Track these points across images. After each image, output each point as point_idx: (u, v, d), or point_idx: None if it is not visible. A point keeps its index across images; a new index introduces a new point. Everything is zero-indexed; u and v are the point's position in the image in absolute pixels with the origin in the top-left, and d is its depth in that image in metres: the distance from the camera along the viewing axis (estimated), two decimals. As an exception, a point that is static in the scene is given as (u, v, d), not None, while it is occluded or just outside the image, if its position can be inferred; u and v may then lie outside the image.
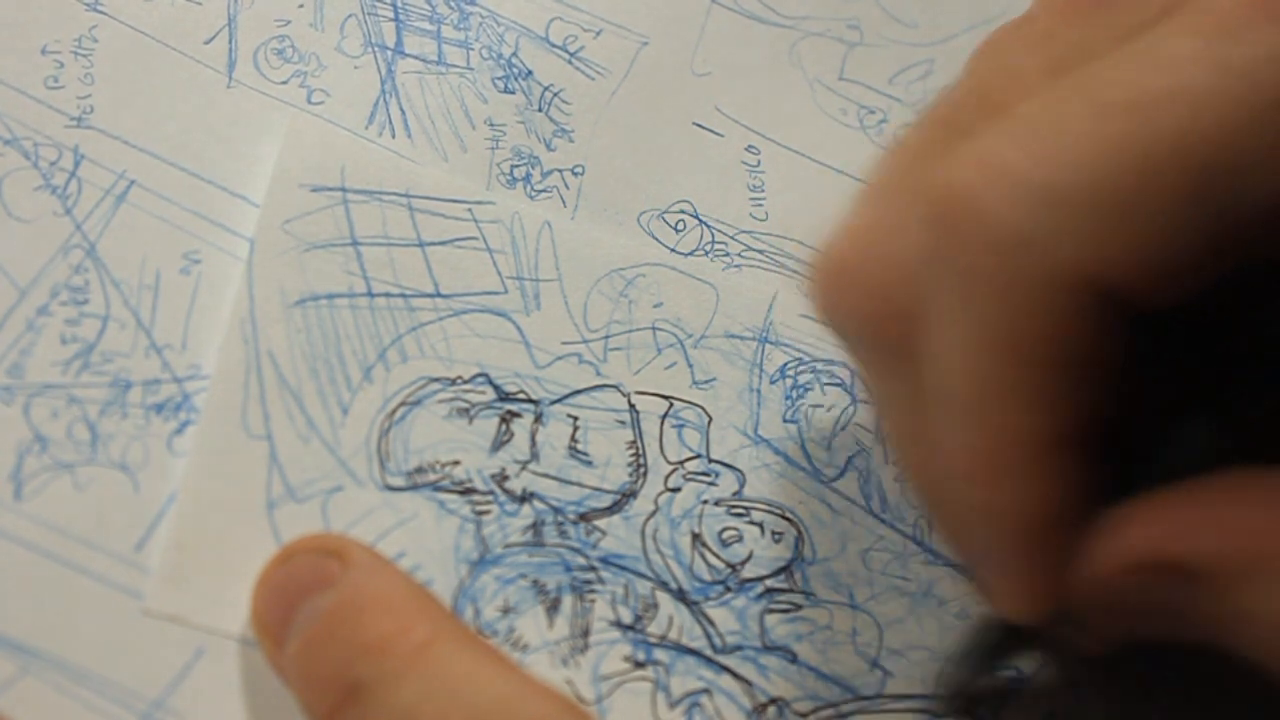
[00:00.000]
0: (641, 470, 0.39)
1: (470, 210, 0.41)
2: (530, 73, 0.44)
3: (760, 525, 0.39)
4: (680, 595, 0.38)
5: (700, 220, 0.43)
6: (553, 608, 0.37)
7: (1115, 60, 0.28)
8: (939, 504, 0.34)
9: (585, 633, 0.37)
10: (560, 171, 0.43)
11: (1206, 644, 0.32)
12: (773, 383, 0.41)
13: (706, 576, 0.38)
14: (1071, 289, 0.28)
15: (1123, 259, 0.28)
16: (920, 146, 0.33)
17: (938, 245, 0.30)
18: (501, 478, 0.38)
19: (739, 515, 0.39)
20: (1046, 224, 0.28)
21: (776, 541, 0.39)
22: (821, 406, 0.41)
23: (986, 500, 0.31)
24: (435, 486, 0.37)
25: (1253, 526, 0.30)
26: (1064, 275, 0.28)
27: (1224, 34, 0.27)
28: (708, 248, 0.43)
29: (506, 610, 0.37)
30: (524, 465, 0.38)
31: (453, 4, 0.44)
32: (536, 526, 0.38)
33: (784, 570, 0.39)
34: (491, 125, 0.43)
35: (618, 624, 0.37)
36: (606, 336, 0.40)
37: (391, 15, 0.43)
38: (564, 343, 0.40)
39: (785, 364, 0.41)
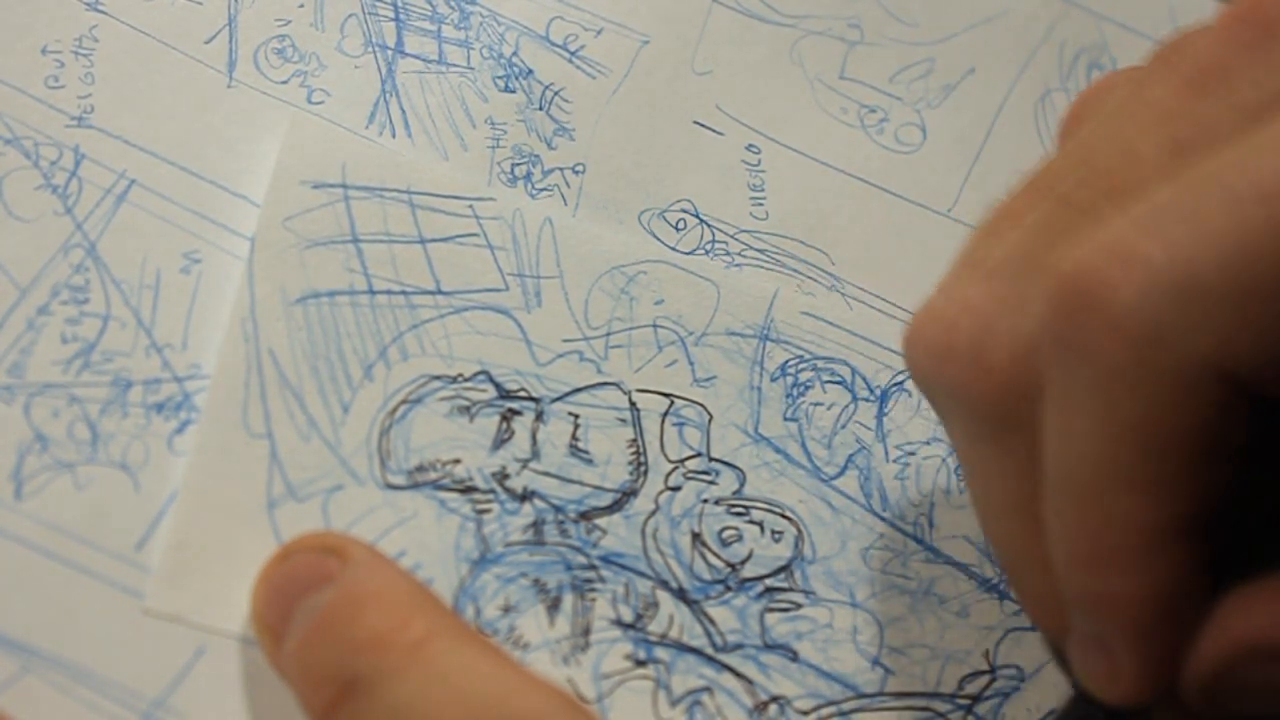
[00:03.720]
0: (642, 469, 0.39)
1: (472, 207, 0.41)
2: (531, 72, 0.44)
3: (760, 524, 0.39)
4: (680, 594, 0.38)
5: (701, 219, 0.43)
6: (553, 606, 0.37)
7: (1245, 147, 0.28)
8: (1030, 575, 0.34)
9: (586, 631, 0.37)
10: (561, 170, 0.43)
11: None
12: (773, 380, 0.41)
13: (706, 576, 0.38)
14: (1204, 383, 0.28)
15: (1256, 351, 0.28)
16: (1040, 224, 0.33)
17: (1065, 330, 0.29)
18: (502, 476, 0.38)
19: (739, 514, 0.39)
20: (1181, 317, 0.28)
21: (776, 541, 0.39)
22: (822, 404, 0.41)
23: (1102, 586, 0.30)
24: (436, 485, 0.37)
25: None
26: (1197, 369, 0.28)
27: None
28: (708, 247, 0.43)
29: (507, 609, 0.37)
30: (525, 464, 0.38)
31: (453, 3, 0.44)
32: (537, 525, 0.38)
33: (784, 569, 0.39)
34: (492, 124, 0.43)
35: (618, 622, 0.37)
36: (607, 334, 0.40)
37: (392, 15, 0.43)
38: (565, 340, 0.40)
39: (786, 362, 0.41)
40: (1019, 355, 0.32)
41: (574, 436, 0.39)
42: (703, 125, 0.45)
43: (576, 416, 0.39)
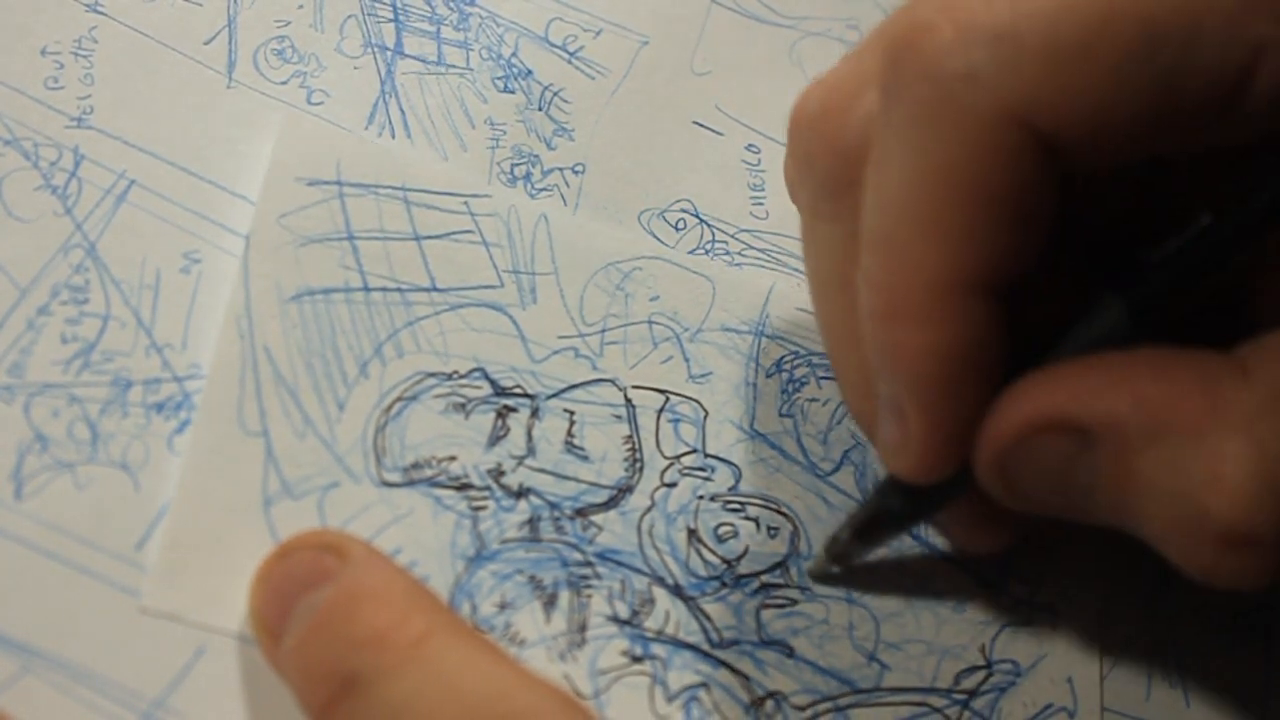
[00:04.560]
0: (638, 465, 0.39)
1: (466, 204, 0.41)
2: (530, 72, 0.44)
3: (756, 520, 0.39)
4: (676, 590, 0.38)
5: (700, 219, 0.43)
6: (549, 603, 0.37)
7: None
8: (846, 353, 0.35)
9: (582, 628, 0.37)
10: (561, 170, 0.43)
11: (1106, 524, 0.32)
12: (769, 376, 0.41)
13: (702, 572, 0.38)
14: (1008, 127, 0.29)
15: (1061, 105, 0.29)
16: (899, 10, 0.34)
17: (888, 78, 0.31)
18: (498, 473, 0.38)
19: (735, 510, 0.39)
20: (993, 61, 0.29)
21: (772, 537, 0.39)
22: (817, 400, 0.41)
23: (898, 339, 0.31)
24: (431, 482, 0.37)
25: (1155, 393, 0.30)
26: (1002, 112, 0.29)
27: None
28: (708, 246, 0.43)
29: (503, 606, 0.37)
30: (520, 460, 0.38)
31: (452, 4, 0.44)
32: (533, 522, 0.38)
33: (780, 565, 0.39)
34: (492, 125, 0.43)
35: (615, 619, 0.37)
36: (603, 330, 0.40)
37: (391, 16, 0.43)
38: (560, 336, 0.40)
39: (781, 358, 0.41)
40: (857, 122, 0.33)
41: (569, 433, 0.39)
42: (702, 125, 0.45)
43: (572, 413, 0.39)
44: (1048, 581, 0.40)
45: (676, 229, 0.43)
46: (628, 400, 0.40)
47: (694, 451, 0.39)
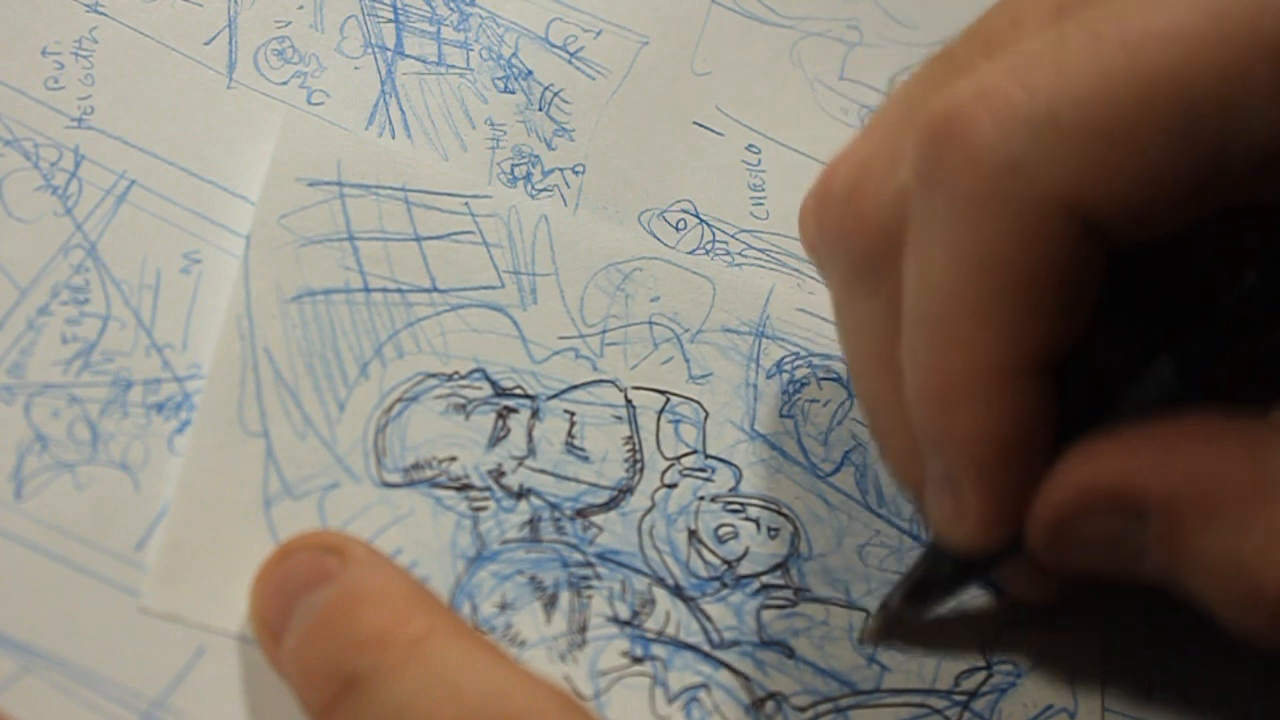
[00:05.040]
0: (638, 466, 0.39)
1: (467, 204, 0.41)
2: (530, 73, 0.44)
3: (756, 521, 0.39)
4: (677, 591, 0.38)
5: (701, 219, 0.43)
6: (550, 604, 0.37)
7: (1116, 3, 0.29)
8: (889, 426, 0.35)
9: (583, 628, 0.37)
10: (561, 170, 0.43)
11: (1156, 585, 0.32)
12: (769, 377, 0.41)
13: (703, 573, 0.38)
14: (1054, 215, 0.29)
15: (1106, 188, 0.29)
16: (923, 80, 0.34)
17: (927, 167, 0.30)
18: (498, 474, 0.38)
19: (735, 511, 0.39)
20: (1035, 150, 0.29)
21: (773, 537, 0.39)
22: (818, 401, 0.41)
23: (950, 421, 0.31)
24: (432, 483, 0.37)
25: (1205, 469, 0.30)
26: (1048, 201, 0.29)
27: None
28: (708, 247, 0.43)
29: (504, 606, 0.37)
30: (521, 461, 0.38)
31: (452, 5, 0.44)
32: (533, 523, 0.38)
33: (780, 566, 0.39)
34: (492, 125, 0.43)
35: (615, 619, 0.37)
36: (603, 331, 0.40)
37: (391, 16, 0.43)
38: (561, 337, 0.40)
39: (782, 358, 0.41)
40: (891, 201, 0.33)
41: (570, 434, 0.39)
42: (702, 126, 0.45)
43: (572, 414, 0.39)
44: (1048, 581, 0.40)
45: (677, 229, 0.43)
46: (628, 401, 0.40)
47: (694, 452, 0.39)
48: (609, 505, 0.38)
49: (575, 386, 0.39)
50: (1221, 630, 0.32)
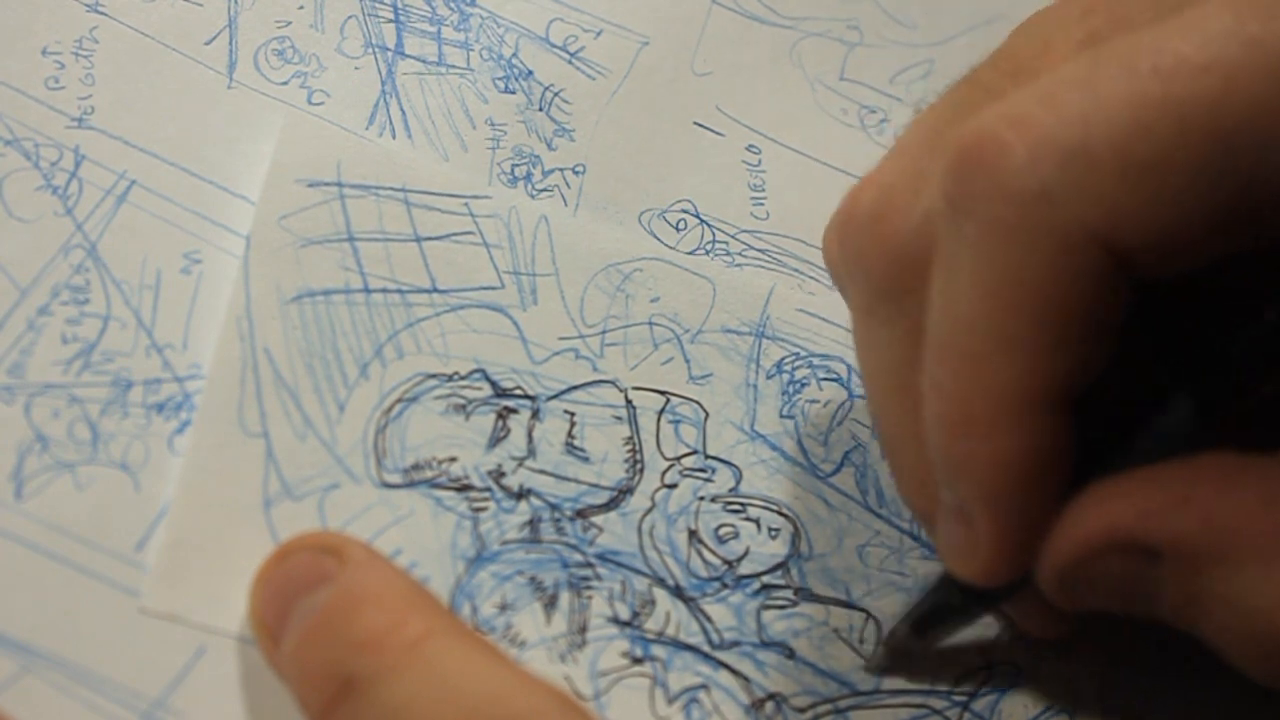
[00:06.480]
0: (638, 466, 0.39)
1: (467, 205, 0.41)
2: (531, 73, 0.44)
3: (756, 521, 0.39)
4: (677, 591, 0.38)
5: (701, 219, 0.43)
6: (550, 604, 0.37)
7: (1152, 32, 0.29)
8: (904, 450, 0.34)
9: (583, 629, 0.37)
10: (561, 170, 0.43)
11: (1170, 625, 0.32)
12: (769, 378, 0.41)
13: (703, 573, 0.38)
14: (1084, 246, 0.29)
15: (1137, 221, 0.28)
16: (950, 105, 0.34)
17: (957, 192, 0.30)
18: (498, 474, 0.38)
19: (735, 511, 0.39)
20: (1067, 180, 0.28)
21: (773, 538, 0.39)
22: (818, 402, 0.41)
23: (969, 450, 0.31)
24: (432, 483, 0.37)
25: (1222, 513, 0.30)
26: (1078, 233, 0.29)
27: (1259, 12, 0.28)
28: (708, 247, 0.43)
29: (504, 607, 0.37)
30: (521, 461, 0.38)
31: (453, 5, 0.44)
32: (533, 523, 0.38)
33: (780, 566, 0.39)
34: (492, 125, 0.43)
35: (615, 620, 0.37)
36: (603, 331, 0.40)
37: (391, 16, 0.43)
38: (561, 338, 0.40)
39: (782, 359, 0.41)
40: (916, 225, 0.33)
41: (570, 434, 0.39)
42: (703, 126, 0.45)
43: (572, 414, 0.39)
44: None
45: (677, 229, 0.43)
46: (628, 401, 0.40)
47: (694, 453, 0.39)
48: (609, 506, 0.38)
49: (575, 387, 0.39)
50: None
